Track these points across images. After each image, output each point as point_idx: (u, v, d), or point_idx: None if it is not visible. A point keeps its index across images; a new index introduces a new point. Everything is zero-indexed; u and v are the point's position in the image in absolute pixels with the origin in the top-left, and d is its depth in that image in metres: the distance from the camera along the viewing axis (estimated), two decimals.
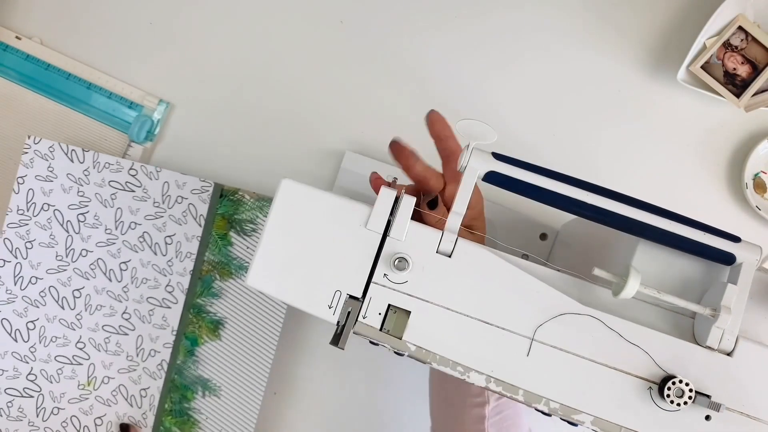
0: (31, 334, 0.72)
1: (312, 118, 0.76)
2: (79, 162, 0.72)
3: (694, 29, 0.71)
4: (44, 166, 0.72)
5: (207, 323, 0.73)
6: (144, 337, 0.72)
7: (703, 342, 0.43)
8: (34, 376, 0.73)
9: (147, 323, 0.72)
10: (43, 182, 0.72)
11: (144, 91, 0.76)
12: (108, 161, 0.71)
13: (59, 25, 0.77)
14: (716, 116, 0.74)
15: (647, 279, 0.46)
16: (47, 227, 0.72)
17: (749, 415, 0.43)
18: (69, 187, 0.72)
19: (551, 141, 0.75)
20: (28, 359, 0.72)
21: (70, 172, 0.72)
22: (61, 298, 0.72)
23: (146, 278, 0.72)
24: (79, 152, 0.72)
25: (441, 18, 0.75)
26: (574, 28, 0.74)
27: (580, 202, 0.44)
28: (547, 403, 0.43)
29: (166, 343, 0.72)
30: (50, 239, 0.72)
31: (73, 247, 0.72)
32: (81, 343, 0.72)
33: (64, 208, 0.72)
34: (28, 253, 0.72)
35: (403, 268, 0.43)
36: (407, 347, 0.44)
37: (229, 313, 0.72)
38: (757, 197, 0.73)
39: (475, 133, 0.45)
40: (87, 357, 0.73)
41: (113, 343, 0.73)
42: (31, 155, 0.72)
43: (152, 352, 0.72)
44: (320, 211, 0.45)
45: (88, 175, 0.72)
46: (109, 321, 0.72)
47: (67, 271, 0.72)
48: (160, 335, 0.72)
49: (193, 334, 0.73)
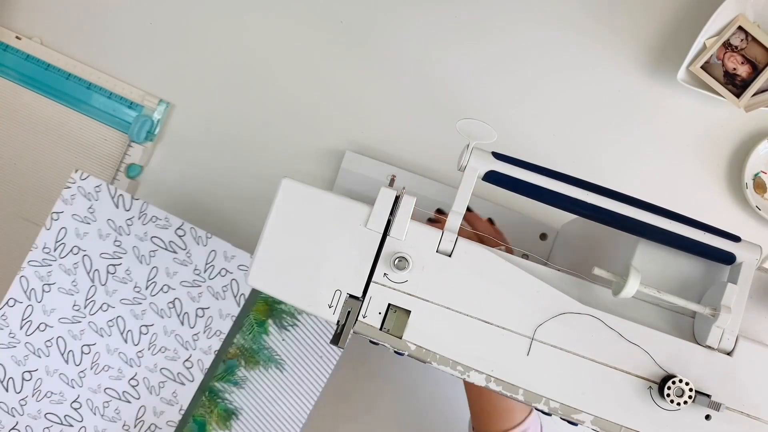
0: (26, 385, 0.66)
1: (312, 118, 0.76)
2: (125, 209, 0.66)
3: (694, 29, 0.71)
4: (85, 206, 0.66)
5: (220, 410, 0.67)
6: (147, 409, 0.67)
7: (703, 341, 0.43)
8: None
9: (154, 395, 0.66)
10: (80, 223, 0.66)
11: (144, 91, 0.76)
12: (156, 215, 0.66)
13: (59, 25, 0.77)
14: (716, 116, 0.74)
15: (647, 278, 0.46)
16: (71, 272, 0.66)
17: (749, 415, 0.43)
18: (107, 234, 0.66)
19: (551, 141, 0.75)
20: (15, 412, 0.67)
21: (111, 218, 0.66)
22: (68, 352, 0.67)
23: (165, 347, 0.66)
24: (127, 198, 0.66)
25: (441, 18, 0.75)
26: (575, 28, 0.75)
27: (580, 201, 0.44)
28: (547, 402, 0.43)
29: (169, 422, 0.66)
30: (71, 286, 0.67)
31: (95, 299, 0.66)
32: (77, 403, 0.67)
33: (95, 255, 0.67)
34: (43, 296, 0.67)
35: (403, 267, 0.43)
36: (407, 347, 0.44)
37: (246, 405, 0.67)
38: (757, 197, 0.73)
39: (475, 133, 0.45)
40: (80, 419, 0.67)
41: (112, 409, 0.67)
42: (73, 191, 0.67)
43: (152, 427, 0.66)
44: (320, 210, 0.45)
45: (131, 225, 0.66)
46: (113, 384, 0.67)
47: (81, 323, 0.66)
48: (166, 411, 0.66)
49: (202, 419, 0.67)
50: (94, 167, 0.75)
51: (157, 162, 0.77)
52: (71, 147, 0.75)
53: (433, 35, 0.75)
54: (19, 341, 0.67)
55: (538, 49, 0.75)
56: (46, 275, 0.67)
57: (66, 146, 0.75)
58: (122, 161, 0.75)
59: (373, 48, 0.76)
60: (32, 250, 0.67)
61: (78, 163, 0.75)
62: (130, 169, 0.75)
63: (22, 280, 0.67)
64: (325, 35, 0.76)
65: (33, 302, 0.67)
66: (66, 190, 0.67)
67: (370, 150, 0.75)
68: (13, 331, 0.67)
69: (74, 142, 0.75)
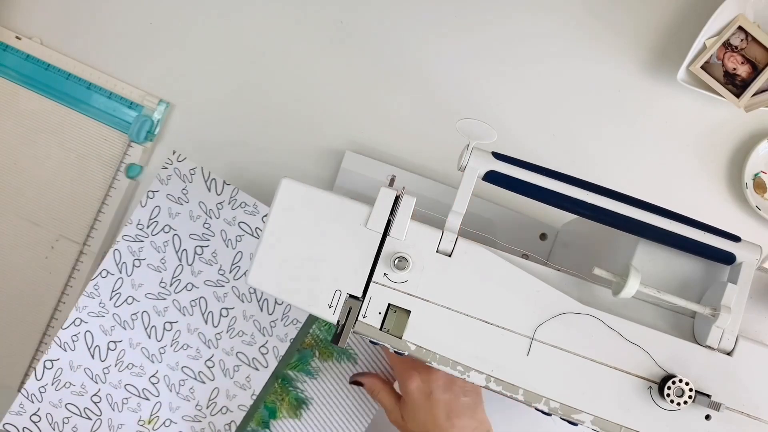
0: (110, 354, 0.68)
1: (312, 118, 0.76)
2: (216, 194, 0.68)
3: (694, 29, 0.71)
4: (179, 187, 0.69)
5: (291, 398, 0.68)
6: (220, 391, 0.68)
7: (703, 341, 0.43)
8: (98, 399, 0.68)
9: (228, 378, 0.68)
10: (173, 203, 0.68)
11: (144, 91, 0.76)
12: (245, 201, 0.68)
13: (59, 25, 0.77)
14: (716, 116, 0.74)
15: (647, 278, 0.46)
16: (161, 250, 0.68)
17: (749, 415, 0.43)
18: (197, 215, 0.68)
19: (551, 141, 0.75)
20: (99, 379, 0.68)
21: (203, 200, 0.68)
22: (151, 327, 0.68)
23: (243, 332, 0.68)
24: (219, 183, 0.68)
25: (441, 18, 0.75)
26: (574, 28, 0.75)
27: (580, 201, 0.44)
28: (547, 402, 0.43)
29: (241, 405, 0.68)
30: (160, 263, 0.68)
31: (180, 278, 0.68)
32: (155, 378, 0.68)
33: (185, 235, 0.68)
34: (133, 270, 0.68)
35: (403, 267, 0.43)
36: (407, 346, 0.44)
37: (317, 395, 0.68)
38: (757, 197, 0.73)
39: (475, 133, 0.45)
40: (156, 394, 0.68)
41: (187, 388, 0.68)
42: (169, 172, 0.69)
43: (224, 409, 0.68)
44: (320, 210, 0.45)
45: (221, 209, 0.68)
46: (190, 363, 0.68)
47: (166, 300, 0.68)
48: (238, 395, 0.68)
49: (273, 405, 0.68)
50: (94, 167, 0.75)
51: (157, 162, 0.77)
52: (71, 147, 0.75)
53: (432, 35, 0.75)
54: (108, 311, 0.68)
55: (538, 50, 0.75)
56: (138, 251, 0.69)
57: (66, 146, 0.75)
58: (122, 161, 0.75)
59: (372, 48, 0.76)
60: (127, 225, 0.69)
61: (78, 163, 0.75)
62: (130, 169, 0.75)
63: (115, 253, 0.69)
64: (325, 35, 0.76)
65: (123, 275, 0.69)
66: (163, 170, 0.69)
67: (370, 150, 0.75)
68: (103, 301, 0.68)
69: (74, 142, 0.75)
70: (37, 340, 0.75)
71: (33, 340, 0.75)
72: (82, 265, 0.75)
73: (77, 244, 0.75)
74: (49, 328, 0.75)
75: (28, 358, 0.75)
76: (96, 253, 0.75)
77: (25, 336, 0.75)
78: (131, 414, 0.68)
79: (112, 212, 0.75)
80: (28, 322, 0.75)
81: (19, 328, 0.75)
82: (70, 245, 0.75)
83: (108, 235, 0.75)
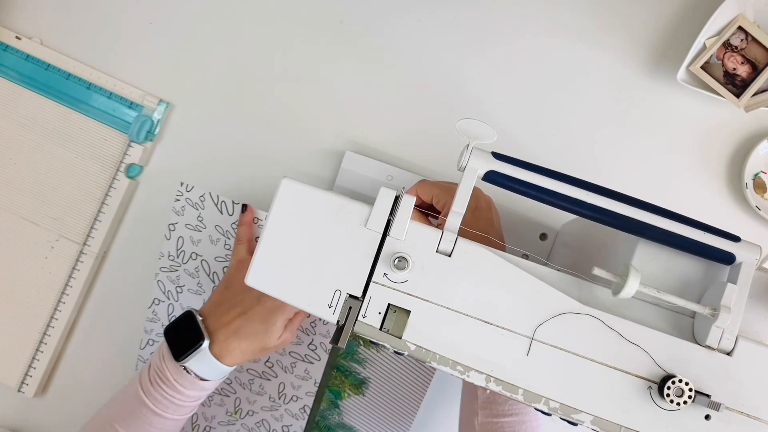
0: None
1: (312, 119, 0.76)
2: (228, 214, 0.72)
3: (694, 29, 0.71)
4: (194, 215, 0.73)
5: (350, 381, 0.73)
6: (286, 384, 0.74)
7: (703, 341, 0.43)
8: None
9: (289, 373, 0.73)
10: (193, 231, 0.73)
11: (144, 91, 0.76)
12: (257, 216, 0.72)
13: (59, 25, 0.77)
14: (716, 116, 0.74)
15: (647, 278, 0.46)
16: (195, 276, 0.73)
17: (749, 415, 0.43)
18: (216, 239, 0.72)
19: (551, 141, 0.75)
20: None
21: (218, 224, 0.72)
22: None
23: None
24: (228, 204, 0.72)
25: (440, 18, 0.75)
26: (575, 28, 0.75)
27: (580, 201, 0.44)
28: (546, 402, 0.43)
29: (308, 392, 0.73)
30: (198, 287, 0.73)
31: None
32: (227, 379, 0.74)
33: (211, 259, 0.73)
34: (179, 296, 0.74)
35: (403, 267, 0.43)
36: (407, 347, 0.44)
37: (374, 375, 0.72)
38: (757, 197, 0.73)
39: (475, 133, 0.45)
40: (233, 392, 0.74)
41: (257, 385, 0.74)
42: (182, 203, 0.73)
43: (294, 397, 0.73)
44: (320, 210, 0.45)
45: (236, 228, 0.72)
46: (252, 366, 0.74)
47: None
48: (303, 385, 0.73)
49: (337, 389, 0.73)
50: (94, 167, 0.75)
51: (157, 162, 0.77)
52: (71, 147, 0.75)
53: (432, 35, 0.75)
54: None
55: (538, 50, 0.75)
56: (176, 279, 0.74)
57: (66, 146, 0.75)
58: (122, 161, 0.75)
59: (372, 48, 0.76)
60: (160, 258, 0.74)
61: (78, 163, 0.75)
62: (130, 169, 0.75)
63: (159, 283, 0.74)
64: (325, 35, 0.76)
65: (172, 301, 0.74)
66: (176, 202, 0.73)
67: (370, 150, 0.75)
68: (164, 323, 0.74)
69: (74, 142, 0.75)
70: (37, 340, 0.75)
71: (33, 340, 0.75)
72: (82, 265, 0.75)
73: (77, 244, 0.75)
74: (49, 328, 0.75)
75: (28, 358, 0.75)
76: (96, 253, 0.75)
77: (25, 336, 0.75)
78: (219, 408, 0.75)
79: (112, 212, 0.75)
80: (28, 322, 0.75)
81: (19, 328, 0.75)
82: (70, 245, 0.75)
83: (108, 235, 0.75)
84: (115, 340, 0.77)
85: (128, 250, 0.77)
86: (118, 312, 0.77)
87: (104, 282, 0.77)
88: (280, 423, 0.74)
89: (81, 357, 0.77)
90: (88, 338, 0.77)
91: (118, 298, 0.76)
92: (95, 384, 0.77)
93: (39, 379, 0.75)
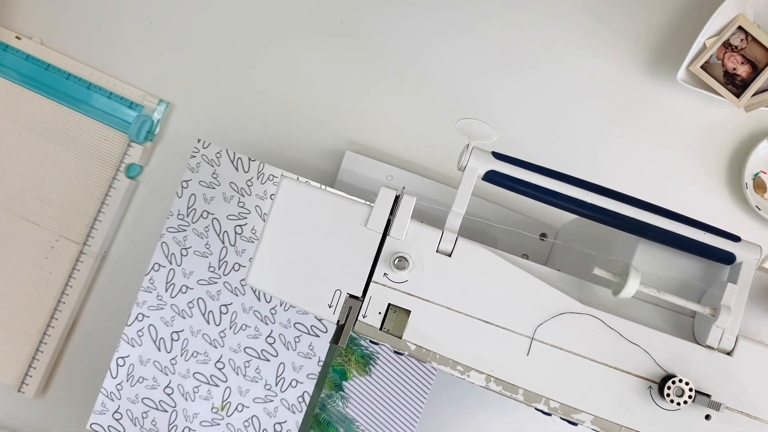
0: (174, 345, 0.70)
1: (312, 119, 0.76)
2: (244, 171, 0.70)
3: (694, 29, 0.71)
4: (209, 172, 0.70)
5: (357, 356, 0.70)
6: (286, 365, 0.69)
7: (703, 341, 0.43)
8: (171, 390, 0.70)
9: (291, 350, 0.69)
10: (206, 189, 0.70)
11: (144, 91, 0.76)
12: (272, 173, 0.69)
13: (59, 25, 0.77)
14: (716, 116, 0.74)
15: (647, 278, 0.46)
16: (204, 236, 0.70)
17: (749, 415, 0.43)
18: (230, 196, 0.70)
19: (551, 141, 0.75)
20: (168, 371, 0.70)
21: (233, 180, 0.70)
22: (208, 312, 0.70)
23: None
24: (245, 161, 0.70)
25: (441, 18, 0.75)
26: (575, 28, 0.75)
27: (580, 201, 0.44)
28: (547, 402, 0.43)
29: (310, 374, 0.69)
30: (205, 249, 0.70)
31: (227, 260, 0.70)
32: (221, 363, 0.70)
33: (222, 217, 0.70)
34: (182, 260, 0.70)
35: (403, 267, 0.43)
36: (407, 346, 0.44)
37: (383, 350, 0.69)
38: (757, 197, 0.73)
39: (475, 133, 0.45)
40: (224, 379, 0.70)
41: (253, 369, 0.70)
42: (198, 159, 0.70)
43: (293, 382, 0.69)
44: (320, 210, 0.45)
45: (251, 185, 0.70)
46: (251, 343, 0.70)
47: (217, 284, 0.70)
48: (305, 365, 0.69)
49: (342, 367, 0.69)
50: (94, 167, 0.75)
51: (157, 162, 0.77)
52: (71, 147, 0.75)
53: (432, 35, 0.75)
54: (166, 303, 0.70)
55: (538, 50, 0.75)
56: (183, 240, 0.70)
57: (66, 146, 0.75)
58: (122, 161, 0.75)
59: (372, 48, 0.76)
60: (168, 218, 0.70)
61: (78, 163, 0.75)
62: (130, 169, 0.75)
63: (162, 245, 0.70)
64: (325, 35, 0.76)
65: (174, 266, 0.70)
66: (191, 159, 0.70)
67: (370, 150, 0.75)
68: (160, 294, 0.70)
69: (74, 142, 0.75)
70: (37, 340, 0.75)
71: (33, 340, 0.75)
72: (82, 265, 0.75)
73: (77, 244, 0.75)
74: (49, 328, 0.75)
75: (28, 358, 0.75)
76: (96, 253, 0.75)
77: (25, 336, 0.75)
78: (204, 402, 0.70)
79: (112, 212, 0.75)
80: (28, 322, 0.75)
81: (19, 328, 0.75)
82: (70, 245, 0.75)
83: (108, 235, 0.75)
84: (115, 340, 0.77)
85: (128, 250, 0.77)
86: (118, 312, 0.76)
87: (104, 282, 0.77)
88: (273, 419, 0.70)
89: (81, 357, 0.77)
90: (88, 338, 0.77)
91: (118, 298, 0.76)
92: (95, 384, 0.77)
93: (39, 379, 0.75)
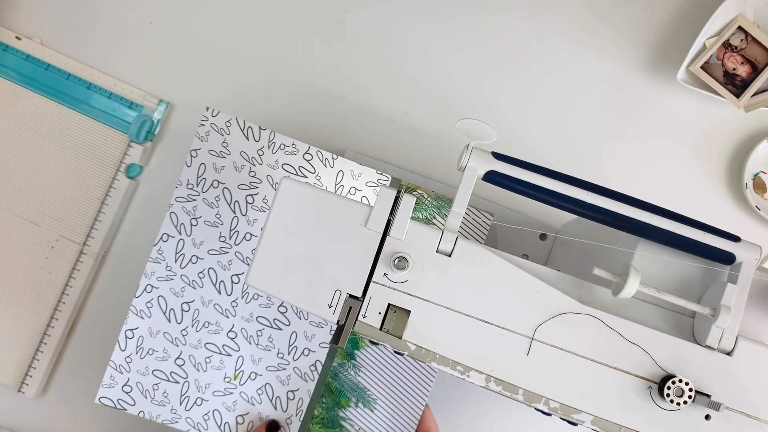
0: (185, 316, 0.69)
1: (312, 119, 0.76)
2: (255, 140, 0.69)
3: (694, 29, 0.71)
4: (219, 141, 0.69)
5: None
6: (299, 334, 0.68)
7: (703, 341, 0.43)
8: (182, 361, 0.69)
9: (303, 320, 0.68)
10: (216, 158, 0.69)
11: (144, 91, 0.76)
12: (284, 142, 0.68)
13: (59, 25, 0.77)
14: (716, 116, 0.74)
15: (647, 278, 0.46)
16: (214, 205, 0.69)
17: (749, 415, 0.43)
18: (241, 165, 0.69)
19: (551, 141, 0.75)
20: (179, 342, 0.69)
21: (244, 150, 0.68)
22: (219, 282, 0.69)
23: None
24: (255, 129, 0.69)
25: (441, 18, 0.75)
26: (575, 28, 0.75)
27: (580, 201, 0.44)
28: (547, 402, 0.43)
29: (322, 343, 0.68)
30: (216, 218, 0.69)
31: (238, 230, 0.69)
32: (232, 333, 0.69)
33: (233, 187, 0.69)
34: (192, 230, 0.69)
35: (403, 267, 0.43)
36: (407, 347, 0.44)
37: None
38: (757, 197, 0.73)
39: (475, 133, 0.45)
40: (237, 348, 0.69)
41: (265, 338, 0.69)
42: (207, 128, 0.69)
43: (306, 351, 0.69)
44: (320, 210, 0.45)
45: (262, 155, 0.68)
46: (264, 312, 0.69)
47: (228, 254, 0.69)
48: (317, 334, 0.69)
49: (354, 336, 0.68)
50: (94, 167, 0.75)
51: (157, 162, 0.77)
52: (71, 147, 0.75)
53: (432, 35, 0.75)
54: (176, 274, 0.69)
55: (538, 50, 0.75)
56: (192, 210, 0.69)
57: (66, 146, 0.75)
58: (122, 161, 0.75)
59: (372, 48, 0.76)
60: (177, 187, 0.69)
61: (78, 163, 0.75)
62: (130, 169, 0.75)
63: (171, 215, 0.69)
64: (325, 35, 0.76)
65: (183, 236, 0.69)
66: (200, 127, 0.69)
67: (370, 150, 0.75)
68: (170, 265, 0.69)
69: (74, 142, 0.75)
70: (37, 340, 0.75)
71: (33, 340, 0.75)
72: (82, 265, 0.75)
73: (77, 244, 0.75)
74: (49, 328, 0.75)
75: (29, 358, 0.75)
76: (96, 253, 0.75)
77: (25, 336, 0.75)
78: (216, 372, 0.69)
79: (112, 212, 0.75)
80: (28, 322, 0.75)
81: (19, 327, 0.75)
82: (70, 245, 0.75)
83: (108, 235, 0.75)
84: (115, 340, 0.77)
85: (128, 250, 0.77)
86: (118, 312, 0.76)
87: (104, 282, 0.77)
88: (286, 387, 0.69)
89: (81, 357, 0.77)
90: (88, 338, 0.77)
91: (118, 298, 0.76)
92: (95, 384, 0.77)
93: (39, 379, 0.75)
